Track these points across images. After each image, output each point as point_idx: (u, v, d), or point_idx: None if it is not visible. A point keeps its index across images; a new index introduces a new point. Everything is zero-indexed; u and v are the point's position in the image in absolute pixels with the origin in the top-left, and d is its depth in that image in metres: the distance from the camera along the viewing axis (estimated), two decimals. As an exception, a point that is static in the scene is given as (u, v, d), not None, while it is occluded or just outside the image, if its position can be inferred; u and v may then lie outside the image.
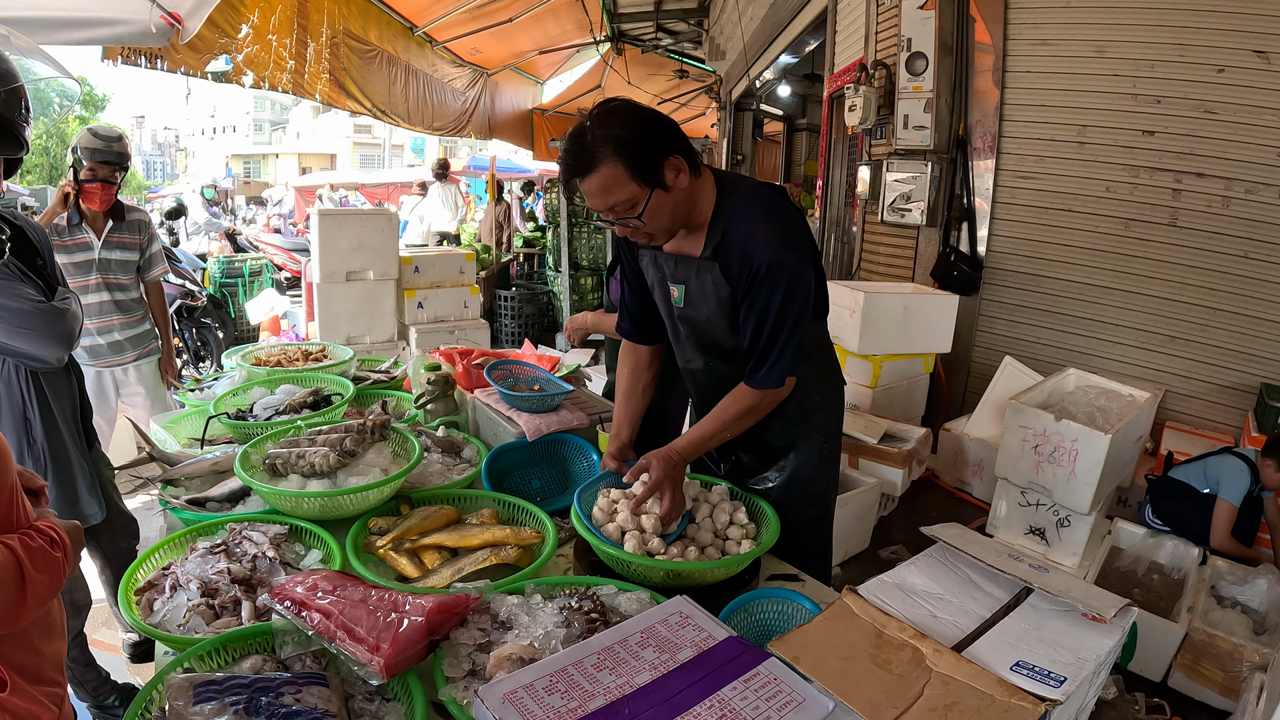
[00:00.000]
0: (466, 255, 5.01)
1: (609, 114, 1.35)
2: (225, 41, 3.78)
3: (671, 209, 1.41)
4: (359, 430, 1.69)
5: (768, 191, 1.51)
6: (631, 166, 1.33)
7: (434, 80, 6.82)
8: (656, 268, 1.60)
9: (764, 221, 1.43)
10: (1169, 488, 2.80)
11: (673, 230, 1.46)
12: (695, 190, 1.45)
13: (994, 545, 1.21)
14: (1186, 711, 2.14)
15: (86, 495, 2.03)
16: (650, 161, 1.34)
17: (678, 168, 1.38)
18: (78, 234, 2.75)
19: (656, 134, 1.36)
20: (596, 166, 1.33)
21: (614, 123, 1.33)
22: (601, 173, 1.33)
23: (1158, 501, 2.82)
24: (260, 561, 1.36)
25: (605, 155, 1.32)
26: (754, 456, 1.69)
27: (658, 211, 1.38)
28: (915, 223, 4.03)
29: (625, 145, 1.32)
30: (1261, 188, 3.12)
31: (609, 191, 1.35)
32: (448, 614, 1.10)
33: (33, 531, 1.04)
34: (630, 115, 1.36)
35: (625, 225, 1.41)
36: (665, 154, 1.36)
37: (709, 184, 1.48)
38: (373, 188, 15.27)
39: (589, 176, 1.34)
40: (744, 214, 1.44)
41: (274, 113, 43.61)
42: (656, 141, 1.36)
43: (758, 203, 1.46)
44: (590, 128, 1.34)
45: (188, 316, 5.53)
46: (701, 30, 8.49)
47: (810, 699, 0.91)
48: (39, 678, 1.10)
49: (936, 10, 3.74)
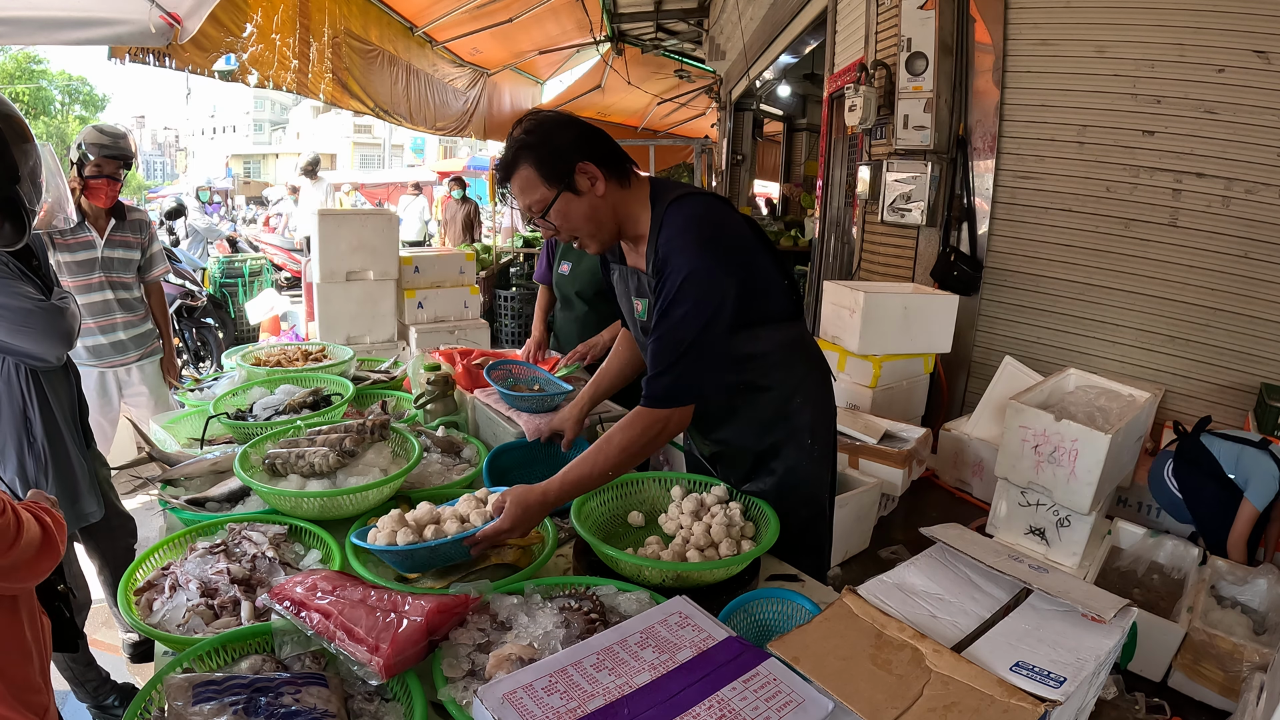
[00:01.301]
0: (466, 255, 5.01)
1: (530, 118, 1.46)
2: (231, 40, 3.79)
3: (587, 214, 1.45)
4: (359, 430, 1.69)
5: (694, 198, 1.48)
6: (540, 169, 1.41)
7: (435, 80, 6.83)
8: (622, 281, 1.63)
9: (684, 230, 1.42)
10: (1197, 454, 2.65)
11: (598, 236, 1.50)
12: (627, 201, 1.48)
13: (994, 545, 1.21)
14: (1186, 711, 2.14)
15: (86, 493, 2.03)
16: (558, 165, 1.41)
17: (591, 174, 1.43)
18: (80, 233, 2.75)
19: (568, 139, 1.43)
20: (515, 169, 1.43)
21: (528, 128, 1.43)
22: (519, 174, 1.43)
23: (1181, 463, 2.67)
24: (260, 561, 1.36)
25: (521, 158, 1.42)
26: (737, 467, 1.68)
27: (567, 214, 1.44)
28: (915, 223, 4.03)
29: (532, 149, 1.41)
30: (1261, 188, 3.12)
31: (525, 192, 1.44)
32: (447, 614, 1.10)
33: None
34: (545, 122, 1.45)
35: (543, 226, 1.48)
36: (576, 159, 1.41)
37: (642, 194, 1.50)
38: (373, 188, 15.29)
39: (511, 179, 1.45)
40: (669, 224, 1.44)
41: (274, 113, 43.62)
42: (567, 146, 1.42)
43: (682, 211, 1.44)
44: (512, 133, 1.44)
45: (188, 316, 5.53)
46: (701, 30, 8.49)
47: (810, 699, 0.91)
48: (28, 686, 1.11)
49: (936, 10, 3.74)
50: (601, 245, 1.52)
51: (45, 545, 1.14)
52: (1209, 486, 2.60)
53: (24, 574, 1.12)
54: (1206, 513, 2.60)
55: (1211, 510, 2.59)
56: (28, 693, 1.11)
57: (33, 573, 1.14)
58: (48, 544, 1.14)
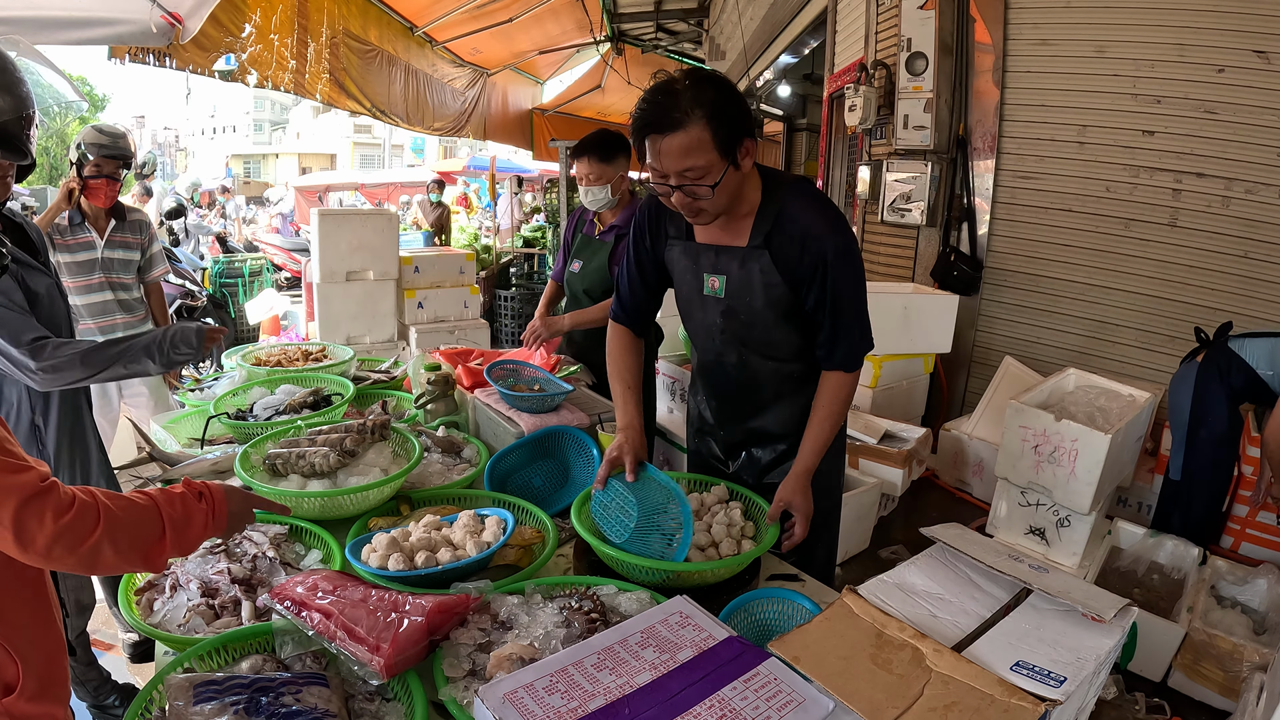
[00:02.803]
0: (466, 255, 5.01)
1: (706, 79, 1.36)
2: (231, 40, 3.79)
3: (733, 189, 1.43)
4: (359, 430, 1.69)
5: (810, 183, 1.57)
6: (718, 136, 1.33)
7: (434, 80, 6.82)
8: (689, 258, 1.60)
9: (821, 210, 1.48)
10: (1227, 361, 2.55)
11: (723, 212, 1.47)
12: (747, 178, 1.47)
13: (994, 545, 1.21)
14: (1186, 711, 2.13)
15: (96, 478, 2.01)
16: (734, 137, 1.36)
17: (749, 151, 1.40)
18: (80, 233, 2.75)
19: (743, 113, 1.38)
20: (685, 125, 1.31)
21: (711, 89, 1.34)
22: (689, 133, 1.31)
23: (1209, 367, 2.57)
24: (260, 561, 1.36)
25: (697, 118, 1.31)
26: (767, 450, 1.70)
27: (725, 188, 1.39)
28: (915, 223, 4.03)
29: (720, 112, 1.33)
30: (1261, 188, 3.12)
31: (689, 154, 1.33)
32: (448, 614, 1.10)
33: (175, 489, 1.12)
34: (728, 87, 1.38)
35: (688, 194, 1.38)
36: (745, 134, 1.38)
37: (754, 174, 1.50)
38: (373, 188, 15.26)
39: (673, 134, 1.32)
40: (797, 203, 1.47)
41: (274, 113, 43.59)
42: (742, 119, 1.37)
43: (807, 193, 1.50)
44: (688, 87, 1.33)
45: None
46: (701, 30, 8.49)
47: (810, 699, 0.91)
48: (57, 681, 1.11)
49: (936, 10, 3.74)
50: (714, 220, 1.49)
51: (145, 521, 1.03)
52: (1219, 407, 2.53)
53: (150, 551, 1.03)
54: (1207, 435, 2.56)
55: (1234, 423, 2.53)
56: (55, 687, 1.12)
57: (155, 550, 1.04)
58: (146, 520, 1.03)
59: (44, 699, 1.07)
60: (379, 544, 1.33)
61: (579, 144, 2.52)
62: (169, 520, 1.05)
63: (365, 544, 1.36)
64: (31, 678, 1.05)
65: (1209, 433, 2.59)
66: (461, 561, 1.30)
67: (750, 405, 1.68)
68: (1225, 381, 2.56)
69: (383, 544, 1.33)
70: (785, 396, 1.65)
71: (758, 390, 1.65)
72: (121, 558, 1.00)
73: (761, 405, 1.67)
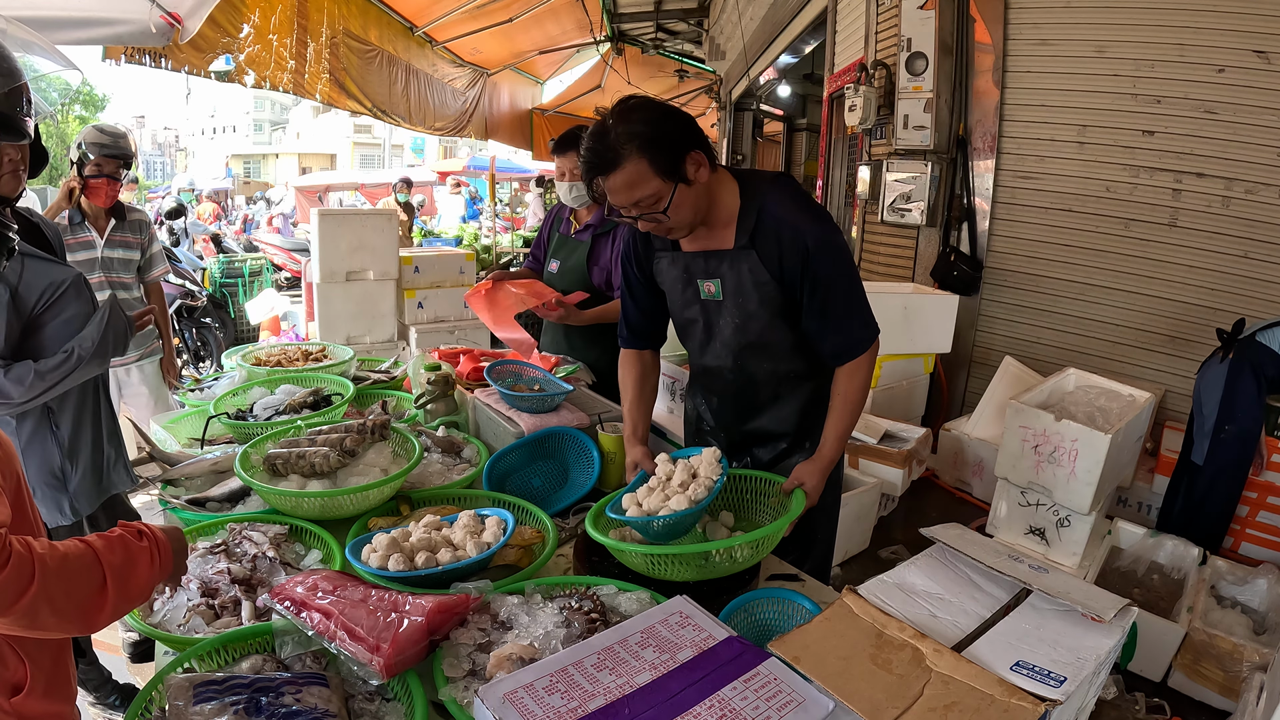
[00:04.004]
0: (466, 255, 5.01)
1: (630, 110, 1.37)
2: (228, 41, 3.79)
3: (693, 203, 1.43)
4: (359, 430, 1.69)
5: (787, 178, 1.57)
6: (655, 163, 1.35)
7: (434, 80, 6.82)
8: (678, 267, 1.60)
9: (799, 203, 1.50)
10: (1256, 354, 2.53)
11: (694, 224, 1.48)
12: (713, 185, 1.47)
13: (994, 545, 1.21)
14: (1186, 711, 2.14)
15: (110, 470, 1.98)
16: (673, 157, 1.36)
17: (698, 162, 1.40)
18: (80, 233, 2.75)
19: (678, 130, 1.38)
20: (620, 164, 1.35)
21: (636, 119, 1.35)
22: (625, 170, 1.35)
23: (1240, 363, 2.54)
24: (260, 561, 1.36)
25: (629, 152, 1.34)
26: (768, 449, 1.71)
27: (681, 206, 1.41)
28: (915, 223, 4.03)
29: (649, 142, 1.34)
30: (1261, 188, 3.12)
31: (633, 188, 1.37)
32: (448, 614, 1.10)
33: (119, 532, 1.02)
34: (652, 111, 1.38)
35: (649, 220, 1.42)
36: (686, 149, 1.38)
37: (726, 178, 1.51)
38: (373, 188, 15.26)
39: (613, 174, 1.36)
40: (776, 199, 1.48)
41: (274, 113, 43.61)
42: (678, 137, 1.37)
43: (785, 189, 1.51)
44: (612, 125, 1.35)
45: (188, 316, 5.53)
46: (701, 30, 8.49)
47: (810, 699, 0.91)
48: (64, 680, 1.11)
49: (936, 10, 3.75)
50: (691, 232, 1.51)
51: (85, 569, 0.92)
52: (1252, 405, 2.52)
53: (65, 614, 0.90)
54: (1235, 431, 2.55)
55: (1246, 425, 2.54)
56: (62, 686, 1.12)
57: (79, 609, 0.92)
58: (87, 568, 0.93)
59: (52, 698, 1.08)
60: (379, 544, 1.33)
61: (561, 138, 2.49)
62: (109, 567, 0.94)
63: (365, 544, 1.36)
64: (40, 677, 1.05)
65: (1237, 429, 2.57)
66: (461, 562, 1.30)
67: (749, 406, 1.69)
68: (1259, 375, 2.55)
69: (383, 544, 1.33)
70: (784, 396, 1.66)
71: (756, 391, 1.66)
72: (60, 617, 0.89)
73: (760, 405, 1.68)
